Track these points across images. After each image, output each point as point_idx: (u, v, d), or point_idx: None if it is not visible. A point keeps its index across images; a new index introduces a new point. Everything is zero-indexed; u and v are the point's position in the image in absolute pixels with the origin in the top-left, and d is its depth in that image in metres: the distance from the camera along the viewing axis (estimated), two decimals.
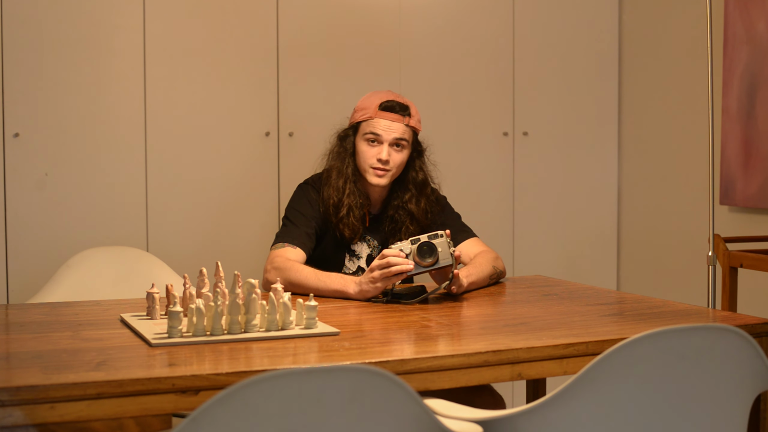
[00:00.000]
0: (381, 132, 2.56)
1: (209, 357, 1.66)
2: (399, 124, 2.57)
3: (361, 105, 2.63)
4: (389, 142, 2.56)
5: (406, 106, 2.59)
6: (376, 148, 2.57)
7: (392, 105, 2.57)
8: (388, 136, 2.56)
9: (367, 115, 2.58)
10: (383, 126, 2.56)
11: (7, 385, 1.41)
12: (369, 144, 2.58)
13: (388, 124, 2.56)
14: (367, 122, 2.58)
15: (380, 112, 2.57)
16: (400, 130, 2.57)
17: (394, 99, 2.59)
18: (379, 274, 2.22)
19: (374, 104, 2.58)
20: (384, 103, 2.58)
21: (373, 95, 2.63)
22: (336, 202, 2.57)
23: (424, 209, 2.64)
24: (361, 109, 2.62)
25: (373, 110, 2.58)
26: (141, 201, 3.40)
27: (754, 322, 1.93)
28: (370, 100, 2.61)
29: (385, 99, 2.59)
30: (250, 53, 3.54)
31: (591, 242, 4.13)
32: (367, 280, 2.25)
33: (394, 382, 1.25)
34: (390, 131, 2.56)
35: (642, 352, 1.41)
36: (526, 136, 3.98)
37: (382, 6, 3.72)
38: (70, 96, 3.29)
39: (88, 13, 3.31)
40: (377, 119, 2.56)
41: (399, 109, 2.57)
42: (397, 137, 2.56)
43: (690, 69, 3.73)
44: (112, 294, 2.78)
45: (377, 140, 2.57)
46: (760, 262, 2.92)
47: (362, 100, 2.65)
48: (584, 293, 2.40)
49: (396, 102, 2.58)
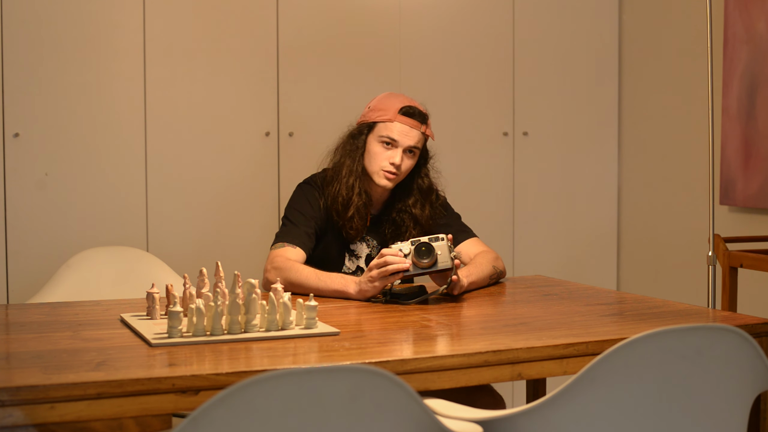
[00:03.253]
0: (398, 137, 2.55)
1: (209, 357, 1.66)
2: (416, 131, 2.56)
3: (379, 105, 2.60)
4: (404, 147, 2.55)
5: (425, 115, 2.59)
6: (390, 152, 2.56)
7: (413, 112, 2.56)
8: (404, 142, 2.55)
9: (386, 117, 2.56)
10: (401, 131, 2.55)
11: (7, 385, 1.41)
12: (383, 146, 2.56)
13: (406, 130, 2.55)
14: (384, 124, 2.56)
15: (400, 116, 2.55)
16: (417, 137, 2.56)
17: (415, 106, 2.58)
18: (377, 273, 2.22)
19: (394, 107, 2.57)
20: (405, 108, 2.56)
21: (392, 97, 2.61)
22: (345, 200, 2.56)
23: (428, 215, 2.64)
24: (379, 109, 2.60)
25: (392, 113, 2.56)
26: (141, 201, 3.40)
27: (754, 322, 1.93)
28: (389, 102, 2.59)
29: (406, 104, 2.57)
30: (250, 53, 3.54)
31: (591, 242, 4.13)
32: (365, 280, 2.25)
33: (394, 382, 1.25)
34: (407, 137, 2.55)
35: (642, 352, 1.42)
36: (526, 136, 3.98)
37: (382, 6, 3.72)
38: (70, 96, 3.29)
39: (88, 13, 3.31)
40: (396, 123, 2.55)
41: (418, 117, 2.56)
42: (412, 144, 2.56)
43: (690, 69, 3.73)
44: (112, 294, 2.78)
45: (393, 144, 2.56)
46: (760, 262, 2.92)
47: (379, 100, 2.63)
48: (584, 293, 2.40)
49: (417, 109, 2.57)
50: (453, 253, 2.23)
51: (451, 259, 2.23)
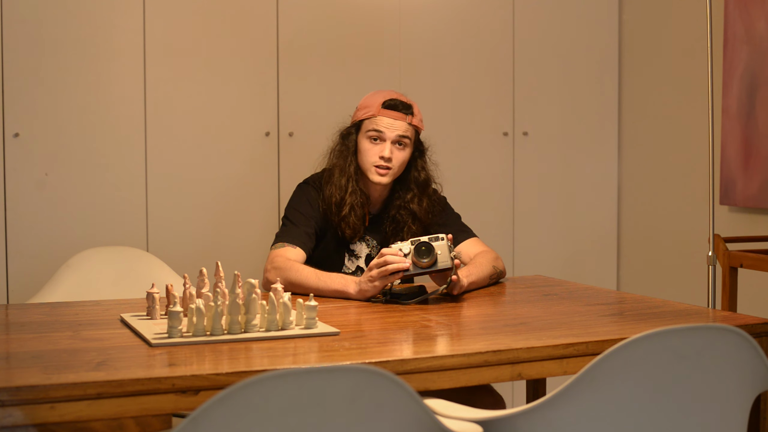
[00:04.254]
0: (383, 129, 2.57)
1: (209, 357, 1.66)
2: (401, 122, 2.58)
3: (364, 103, 2.64)
4: (392, 139, 2.57)
5: (409, 105, 2.61)
6: (379, 146, 2.58)
7: (395, 103, 2.59)
8: (390, 134, 2.57)
9: (370, 113, 2.60)
10: (386, 124, 2.57)
11: (7, 385, 1.41)
12: (371, 142, 2.59)
13: (390, 122, 2.57)
14: (369, 120, 2.59)
15: (383, 110, 2.58)
16: (403, 127, 2.58)
17: (397, 98, 2.61)
18: (377, 273, 2.22)
19: (377, 102, 2.60)
20: (387, 101, 2.59)
21: (376, 94, 2.64)
22: (338, 200, 2.57)
23: (427, 209, 2.65)
24: (364, 107, 2.63)
25: (376, 108, 2.59)
26: (141, 201, 3.40)
27: (754, 322, 1.93)
28: (373, 99, 2.63)
29: (389, 97, 2.60)
30: (250, 53, 3.54)
31: (591, 242, 4.13)
32: (365, 280, 2.25)
33: (394, 382, 1.25)
34: (392, 129, 2.57)
35: (642, 352, 1.41)
36: (526, 136, 3.98)
37: (382, 6, 3.72)
38: (70, 96, 3.29)
39: (88, 13, 3.31)
40: (380, 117, 2.58)
41: (402, 108, 2.59)
42: (399, 134, 2.57)
43: (690, 69, 3.73)
44: (112, 294, 2.78)
45: (380, 138, 2.58)
46: (760, 262, 2.92)
47: (365, 98, 2.67)
48: (584, 293, 2.40)
49: (399, 100, 2.60)
50: (453, 253, 2.23)
51: (450, 258, 2.23)
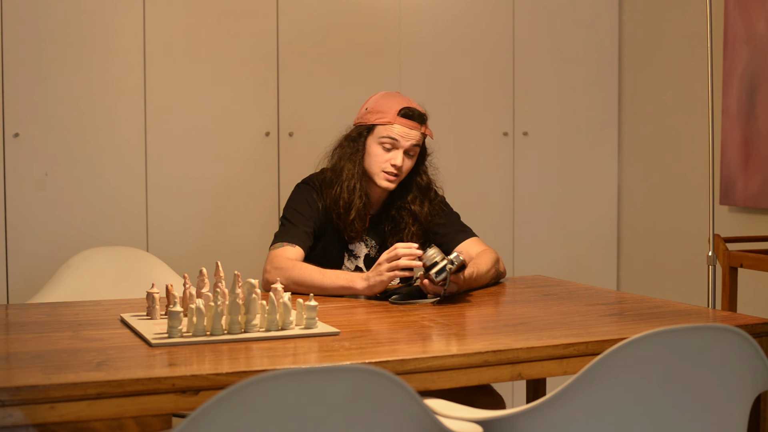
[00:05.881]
0: (399, 138, 2.55)
1: (209, 357, 1.65)
2: (416, 131, 2.56)
3: (378, 107, 2.60)
4: (405, 149, 2.56)
5: (424, 115, 2.59)
6: (391, 153, 2.56)
7: (412, 113, 2.56)
8: (405, 143, 2.55)
9: (385, 120, 2.56)
10: (401, 132, 2.55)
11: (7, 385, 1.41)
12: (383, 148, 2.57)
13: (406, 131, 2.55)
14: (384, 126, 2.56)
15: (399, 118, 2.55)
16: (417, 137, 2.57)
17: (414, 107, 2.58)
18: (387, 267, 2.23)
19: (393, 109, 2.56)
20: (404, 110, 2.56)
21: (390, 98, 2.60)
22: (347, 203, 2.56)
23: (428, 212, 2.64)
24: (377, 111, 2.59)
25: (392, 115, 2.56)
26: (141, 201, 3.40)
27: (754, 322, 1.93)
28: (387, 104, 2.59)
29: (405, 105, 2.57)
30: (250, 53, 3.54)
31: (591, 242, 4.13)
32: (374, 274, 2.25)
33: (394, 382, 1.25)
34: (407, 138, 2.55)
35: (642, 352, 1.41)
36: (526, 136, 3.98)
37: (382, 6, 3.72)
38: (70, 96, 3.29)
39: (88, 13, 3.31)
40: (396, 125, 2.55)
41: (417, 118, 2.57)
42: (413, 144, 2.56)
43: (690, 69, 3.73)
44: (112, 294, 2.78)
45: (393, 146, 2.56)
46: (760, 262, 2.92)
47: (377, 101, 2.62)
48: (584, 293, 2.40)
49: (416, 111, 2.57)
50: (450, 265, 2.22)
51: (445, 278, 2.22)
